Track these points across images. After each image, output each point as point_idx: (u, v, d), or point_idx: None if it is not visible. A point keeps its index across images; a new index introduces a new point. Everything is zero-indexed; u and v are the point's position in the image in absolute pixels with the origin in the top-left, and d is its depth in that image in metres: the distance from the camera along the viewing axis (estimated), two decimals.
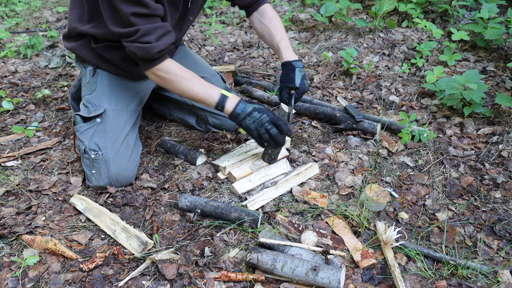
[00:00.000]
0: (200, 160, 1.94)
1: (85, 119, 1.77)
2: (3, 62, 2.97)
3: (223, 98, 1.62)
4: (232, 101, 1.64)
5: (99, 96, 1.80)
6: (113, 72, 1.85)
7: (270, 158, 1.87)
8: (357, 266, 1.46)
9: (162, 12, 1.56)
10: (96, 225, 1.63)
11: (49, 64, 2.96)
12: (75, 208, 1.70)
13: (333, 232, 1.60)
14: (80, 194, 1.79)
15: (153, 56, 1.55)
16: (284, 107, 1.78)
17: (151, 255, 1.46)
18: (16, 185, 1.81)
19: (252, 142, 2.05)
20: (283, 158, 1.95)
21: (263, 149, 1.89)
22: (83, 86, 1.88)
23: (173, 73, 1.61)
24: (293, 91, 1.82)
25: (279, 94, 1.85)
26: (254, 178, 1.81)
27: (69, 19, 1.82)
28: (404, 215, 1.69)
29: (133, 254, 1.50)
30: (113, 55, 1.78)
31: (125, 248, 1.52)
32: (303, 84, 1.81)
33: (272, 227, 1.61)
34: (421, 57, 2.86)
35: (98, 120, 1.76)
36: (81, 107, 1.83)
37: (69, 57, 3.03)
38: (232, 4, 1.98)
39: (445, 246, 1.55)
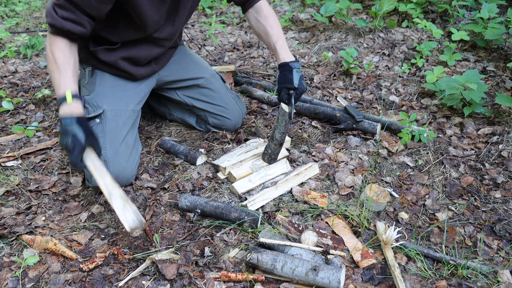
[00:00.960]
0: (200, 160, 1.94)
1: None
2: (3, 62, 2.97)
3: (60, 101, 1.54)
4: (67, 108, 1.52)
5: (98, 97, 1.80)
6: (112, 73, 1.85)
7: (270, 158, 1.87)
8: (357, 266, 1.46)
9: (96, 12, 1.54)
10: (96, 225, 1.64)
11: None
12: (75, 207, 1.71)
13: (333, 232, 1.60)
14: (80, 194, 1.79)
15: (49, 23, 1.53)
16: (284, 107, 1.78)
17: (151, 255, 1.46)
18: (16, 185, 1.81)
19: (252, 142, 2.05)
20: (283, 158, 1.95)
21: (264, 149, 1.89)
22: (82, 86, 1.88)
23: (52, 49, 1.56)
24: (292, 92, 1.81)
25: (277, 95, 1.83)
26: (254, 178, 1.81)
27: None
28: (404, 215, 1.69)
29: (133, 254, 1.50)
30: (111, 58, 1.78)
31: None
32: (301, 84, 1.79)
33: (272, 227, 1.61)
34: (421, 57, 2.86)
35: (97, 120, 1.76)
36: None
37: None
38: (228, 0, 1.96)
39: (445, 246, 1.55)
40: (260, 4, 1.91)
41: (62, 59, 1.57)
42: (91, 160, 1.50)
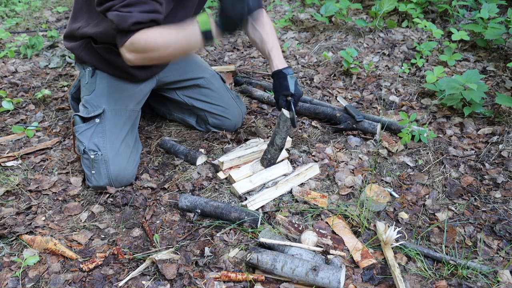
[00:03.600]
0: (200, 160, 1.94)
1: (84, 120, 1.77)
2: (3, 62, 2.97)
3: (207, 33, 1.48)
4: (212, 25, 1.49)
5: (98, 97, 1.80)
6: (113, 74, 1.85)
7: (269, 163, 1.87)
8: (357, 266, 1.46)
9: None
10: (96, 225, 1.64)
11: (49, 64, 2.96)
12: (75, 207, 1.71)
13: (333, 232, 1.60)
14: (80, 194, 1.79)
15: (129, 27, 1.45)
16: (286, 112, 1.78)
17: (151, 255, 1.46)
18: (16, 185, 1.81)
19: (252, 142, 2.05)
20: (284, 159, 1.95)
21: (262, 154, 1.89)
22: (82, 86, 1.88)
23: (147, 39, 1.48)
24: (290, 98, 1.80)
25: (276, 103, 1.83)
26: (255, 178, 1.81)
27: (72, 20, 1.81)
28: (404, 215, 1.69)
29: (133, 254, 1.49)
30: (113, 57, 1.78)
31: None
32: (297, 90, 1.80)
33: (272, 227, 1.61)
34: (421, 57, 2.86)
35: (97, 120, 1.76)
36: (80, 107, 1.83)
37: (69, 57, 3.03)
38: None
39: (445, 246, 1.55)
40: (258, 12, 1.90)
41: (163, 31, 1.50)
42: None
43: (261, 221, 1.63)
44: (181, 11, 1.74)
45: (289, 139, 2.08)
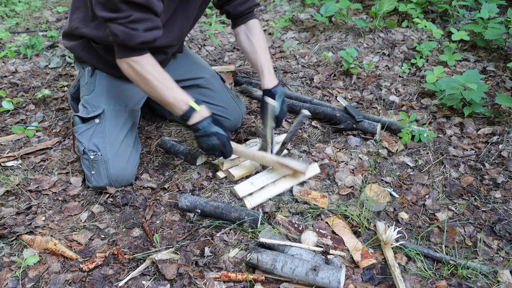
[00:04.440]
0: (200, 160, 1.94)
1: (84, 120, 1.77)
2: (3, 62, 2.97)
3: (191, 110, 1.59)
4: (199, 115, 1.61)
5: (97, 97, 1.80)
6: (112, 74, 1.85)
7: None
8: (357, 266, 1.46)
9: (160, 9, 1.50)
10: (96, 225, 1.64)
11: (49, 64, 2.96)
12: (75, 207, 1.71)
13: (333, 232, 1.60)
14: (80, 194, 1.79)
15: (135, 46, 1.49)
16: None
17: (151, 255, 1.46)
18: (16, 185, 1.81)
19: (252, 142, 2.05)
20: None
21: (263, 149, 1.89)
22: (81, 86, 1.88)
23: (147, 70, 1.56)
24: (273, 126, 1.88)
25: (262, 122, 1.87)
26: (256, 181, 1.80)
27: (70, 18, 1.81)
28: (404, 215, 1.69)
29: (133, 254, 1.49)
30: (113, 57, 1.77)
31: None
32: (282, 111, 1.89)
33: (272, 227, 1.61)
34: (421, 57, 2.86)
35: (97, 120, 1.76)
36: (79, 107, 1.83)
37: (69, 57, 3.03)
38: (221, 12, 1.94)
39: (445, 246, 1.55)
40: (253, 22, 1.94)
41: (159, 72, 1.58)
42: (236, 146, 1.74)
43: (261, 221, 1.63)
44: (181, 14, 1.75)
45: None
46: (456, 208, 1.73)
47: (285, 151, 2.00)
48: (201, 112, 1.63)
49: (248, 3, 1.89)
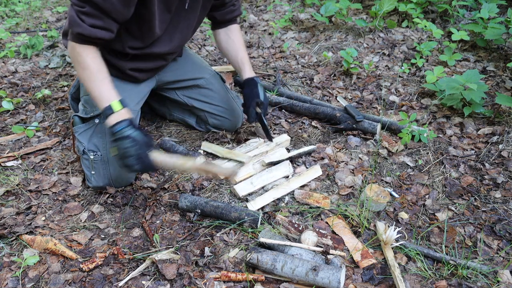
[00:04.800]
0: (199, 160, 1.94)
1: (84, 120, 1.77)
2: (3, 62, 2.97)
3: (109, 109, 1.52)
4: (116, 117, 1.52)
5: None
6: (111, 74, 1.84)
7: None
8: (357, 266, 1.46)
9: (121, 16, 1.53)
10: (96, 225, 1.64)
11: (49, 64, 2.96)
12: (75, 207, 1.71)
13: (333, 232, 1.60)
14: (80, 194, 1.79)
15: (76, 35, 1.51)
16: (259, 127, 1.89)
17: (151, 255, 1.46)
18: (16, 185, 1.81)
19: (252, 142, 2.05)
20: (285, 160, 1.93)
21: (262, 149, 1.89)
22: (81, 86, 1.88)
23: (84, 59, 1.55)
24: (259, 110, 1.93)
25: (246, 111, 1.93)
26: (256, 180, 1.80)
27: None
28: (404, 215, 1.69)
29: (133, 254, 1.49)
30: (112, 57, 1.78)
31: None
32: (266, 98, 1.95)
33: (272, 227, 1.61)
34: (421, 57, 2.86)
35: (97, 120, 1.76)
36: (79, 107, 1.83)
37: (69, 57, 3.03)
38: (208, 17, 1.98)
39: (445, 246, 1.55)
40: (234, 26, 2.04)
41: (96, 67, 1.56)
42: (159, 154, 1.52)
43: (261, 221, 1.63)
44: (182, 23, 1.78)
45: (288, 138, 2.09)
46: (456, 208, 1.73)
47: (286, 152, 2.00)
48: (120, 114, 1.51)
49: (234, 13, 2.00)
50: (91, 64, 1.55)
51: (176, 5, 1.69)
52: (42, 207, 1.71)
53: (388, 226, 1.57)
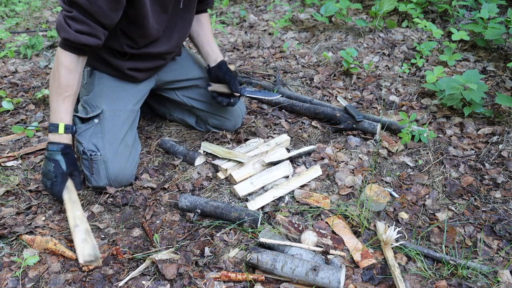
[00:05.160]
0: (199, 160, 1.94)
1: (83, 120, 1.77)
2: (3, 62, 2.97)
3: (54, 127, 1.59)
4: (55, 137, 1.60)
5: (96, 97, 1.80)
6: (111, 74, 1.85)
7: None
8: (357, 266, 1.46)
9: (109, 21, 1.53)
10: (96, 225, 1.64)
11: (49, 64, 2.96)
12: None
13: (333, 232, 1.60)
14: (80, 194, 1.79)
15: (62, 39, 1.53)
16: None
17: (151, 255, 1.46)
18: (16, 185, 1.81)
19: (252, 142, 2.05)
20: (286, 160, 1.93)
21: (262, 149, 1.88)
22: (80, 87, 1.88)
23: (60, 68, 1.56)
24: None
25: (235, 88, 1.92)
26: (256, 180, 1.80)
27: None
28: (404, 215, 1.69)
29: (133, 254, 1.49)
30: (111, 58, 1.78)
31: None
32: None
33: (272, 227, 1.61)
34: (421, 57, 2.86)
35: (96, 121, 1.76)
36: (79, 108, 1.83)
37: None
38: None
39: (445, 246, 1.55)
40: (204, 14, 2.05)
41: (66, 82, 1.58)
42: (68, 192, 1.59)
43: (261, 221, 1.63)
44: (180, 22, 1.81)
45: (288, 138, 2.09)
46: (456, 208, 1.73)
47: (286, 152, 2.00)
48: (60, 137, 1.60)
49: (209, 4, 2.02)
50: (62, 78, 1.57)
51: (172, 5, 1.69)
52: (42, 207, 1.71)
53: (388, 226, 1.57)
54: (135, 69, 1.83)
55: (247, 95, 1.98)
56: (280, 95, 2.30)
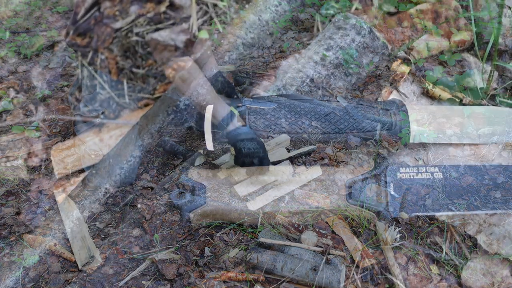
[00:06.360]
0: (199, 161, 1.94)
1: (85, 120, 1.77)
2: (3, 62, 2.97)
3: (225, 120, 1.73)
4: (232, 125, 1.74)
5: (98, 96, 1.80)
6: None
7: None
8: (357, 266, 1.46)
9: None
10: (96, 225, 1.64)
11: (49, 64, 2.96)
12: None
13: (333, 232, 1.60)
14: (80, 194, 1.79)
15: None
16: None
17: (151, 255, 1.46)
18: (16, 185, 1.81)
19: None
20: (286, 160, 1.92)
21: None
22: (82, 86, 1.88)
23: None
24: None
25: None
26: (256, 180, 1.80)
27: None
28: (404, 215, 1.69)
29: (133, 254, 1.49)
30: None
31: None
32: None
33: (272, 227, 1.61)
34: (421, 57, 2.86)
35: (97, 120, 1.76)
36: (80, 107, 1.83)
37: (69, 57, 3.03)
38: None
39: (445, 246, 1.55)
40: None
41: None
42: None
43: (261, 221, 1.63)
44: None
45: (288, 138, 2.09)
46: (456, 208, 1.73)
47: (286, 152, 2.00)
48: (237, 123, 1.75)
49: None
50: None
51: None
52: (42, 207, 1.71)
53: (388, 226, 1.57)
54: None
55: (248, 105, 2.09)
56: (277, 104, 2.32)
